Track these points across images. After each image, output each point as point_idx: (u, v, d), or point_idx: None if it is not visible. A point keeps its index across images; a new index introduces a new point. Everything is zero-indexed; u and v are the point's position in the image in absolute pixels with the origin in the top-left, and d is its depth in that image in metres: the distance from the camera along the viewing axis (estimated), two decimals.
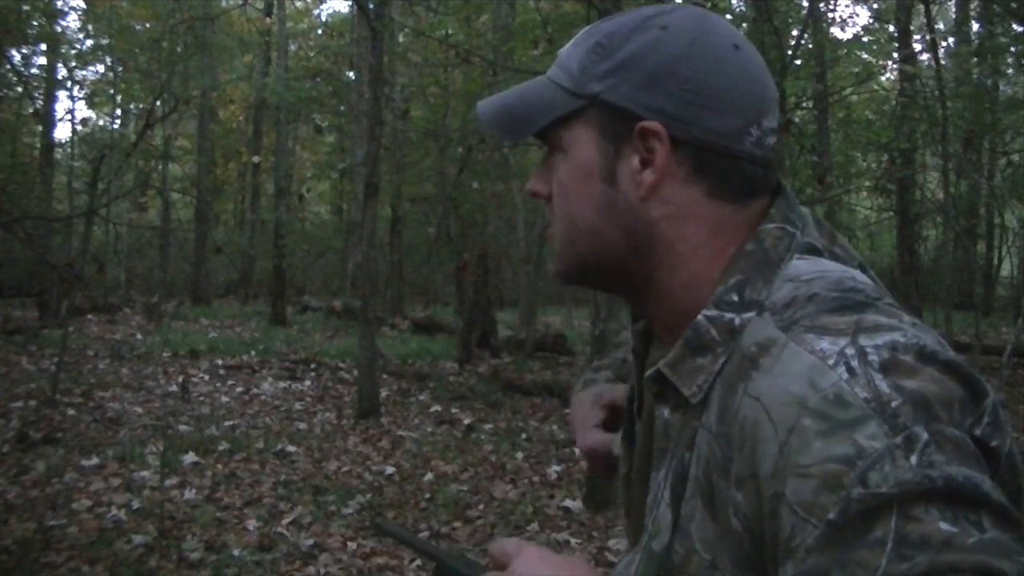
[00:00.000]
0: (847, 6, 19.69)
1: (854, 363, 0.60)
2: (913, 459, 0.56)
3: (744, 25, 8.87)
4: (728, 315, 0.71)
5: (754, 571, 0.64)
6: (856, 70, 11.55)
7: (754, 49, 0.76)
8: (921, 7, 10.76)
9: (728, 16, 9.24)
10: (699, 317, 0.72)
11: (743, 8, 9.78)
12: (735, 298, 0.71)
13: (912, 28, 11.67)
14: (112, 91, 19.70)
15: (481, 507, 4.82)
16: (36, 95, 16.67)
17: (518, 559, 0.71)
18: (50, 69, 17.72)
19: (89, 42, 18.52)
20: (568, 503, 4.89)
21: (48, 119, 17.48)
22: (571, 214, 0.77)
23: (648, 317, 0.81)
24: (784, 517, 0.60)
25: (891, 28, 11.93)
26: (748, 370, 0.67)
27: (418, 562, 3.89)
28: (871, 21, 13.98)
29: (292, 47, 20.13)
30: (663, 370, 0.74)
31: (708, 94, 0.72)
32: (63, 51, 17.65)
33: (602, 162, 0.75)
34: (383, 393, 7.82)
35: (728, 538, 0.66)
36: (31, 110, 16.87)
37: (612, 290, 0.82)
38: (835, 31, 17.49)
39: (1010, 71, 12.34)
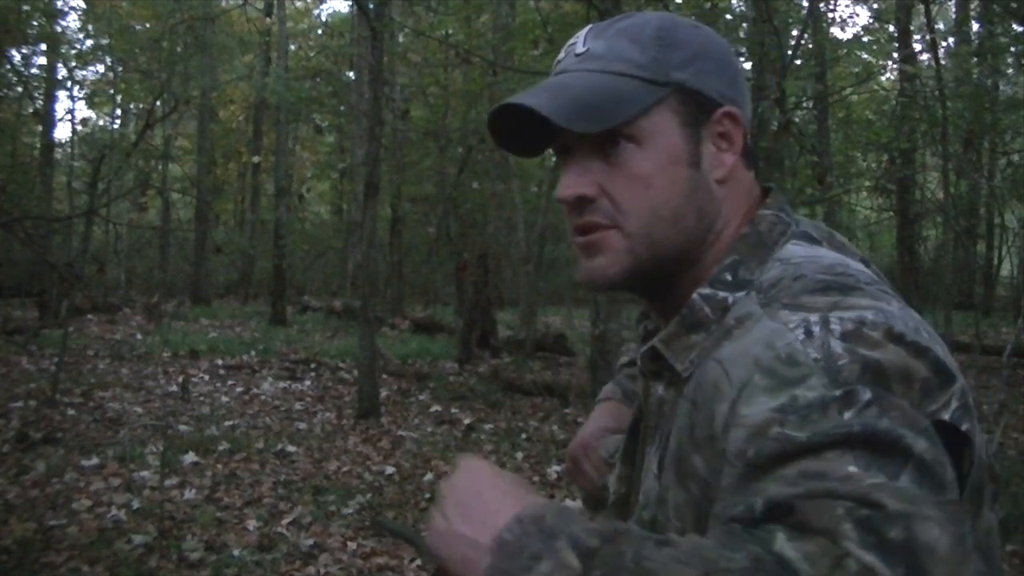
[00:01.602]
0: (847, 6, 19.68)
1: (815, 329, 0.62)
2: (847, 414, 0.58)
3: (744, 25, 8.88)
4: (721, 294, 0.74)
5: None
6: (856, 70, 11.54)
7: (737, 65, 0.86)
8: (921, 7, 10.75)
9: (728, 16, 9.24)
10: (694, 296, 0.75)
11: (743, 8, 9.78)
12: (729, 277, 0.74)
13: (912, 28, 11.68)
14: (112, 91, 19.69)
15: None
16: (36, 95, 16.65)
17: (459, 471, 0.72)
18: (50, 69, 17.71)
19: (89, 42, 18.52)
20: (568, 503, 4.89)
21: (48, 119, 17.48)
22: (655, 204, 0.76)
23: (673, 305, 0.80)
24: (725, 471, 0.62)
25: (891, 28, 11.94)
26: (721, 340, 0.69)
27: (418, 562, 3.89)
28: (871, 21, 13.98)
29: (292, 47, 20.13)
30: (657, 346, 0.76)
31: (744, 83, 0.81)
32: (63, 51, 17.63)
33: (687, 147, 0.77)
34: (383, 393, 7.82)
35: (691, 504, 0.69)
36: (31, 110, 16.86)
37: (653, 288, 0.82)
38: (835, 31, 17.49)
39: (1010, 71, 12.34)
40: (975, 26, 13.14)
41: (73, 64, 18.43)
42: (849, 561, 0.54)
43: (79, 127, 20.75)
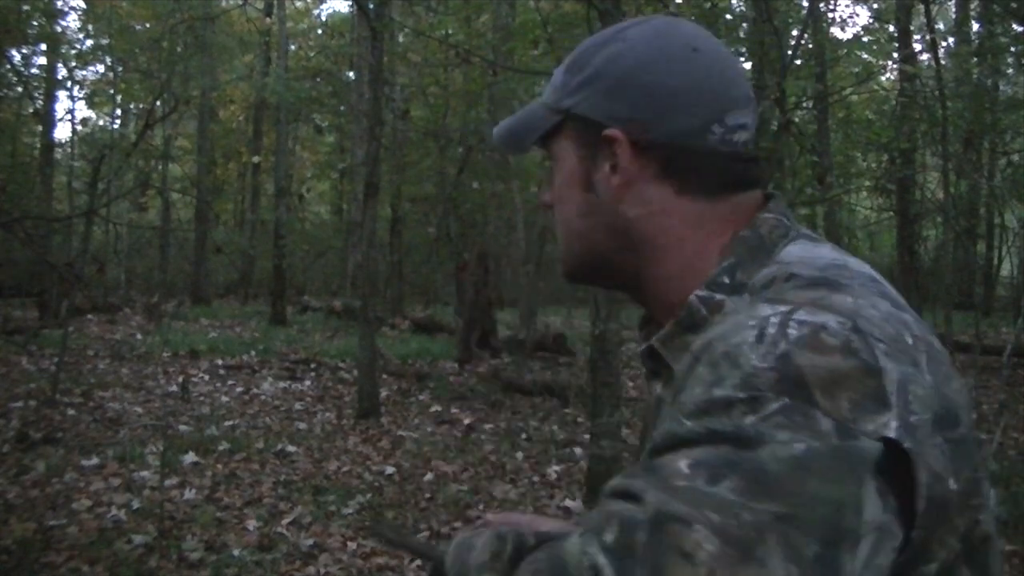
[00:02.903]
0: (847, 6, 19.67)
1: (769, 330, 0.61)
2: (749, 419, 0.57)
3: (744, 25, 8.88)
4: (718, 296, 0.74)
5: None
6: (856, 70, 11.54)
7: (718, 50, 0.79)
8: (921, 7, 10.75)
9: (728, 16, 9.23)
10: (691, 296, 0.75)
11: (743, 8, 9.78)
12: (726, 280, 0.74)
13: (912, 28, 11.68)
14: (112, 91, 19.69)
15: (481, 507, 4.82)
16: (36, 95, 16.66)
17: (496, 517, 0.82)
18: (50, 69, 17.71)
19: (89, 42, 18.53)
20: (568, 503, 4.89)
21: (48, 119, 17.48)
22: (564, 219, 0.84)
23: (648, 310, 0.85)
24: None
25: (891, 28, 11.94)
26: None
27: (418, 562, 3.89)
28: (871, 21, 13.98)
29: (292, 47, 20.12)
30: (655, 345, 0.78)
31: (664, 97, 0.76)
32: (63, 51, 17.64)
33: (581, 170, 0.80)
34: (383, 393, 7.82)
35: None
36: (31, 110, 16.87)
37: (613, 287, 0.86)
38: (835, 31, 17.49)
39: (1010, 71, 12.34)
40: (975, 26, 13.15)
41: (73, 64, 18.44)
42: (584, 559, 0.57)
43: (79, 127, 20.80)
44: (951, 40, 13.82)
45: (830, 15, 11.15)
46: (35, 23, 14.06)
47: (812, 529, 0.55)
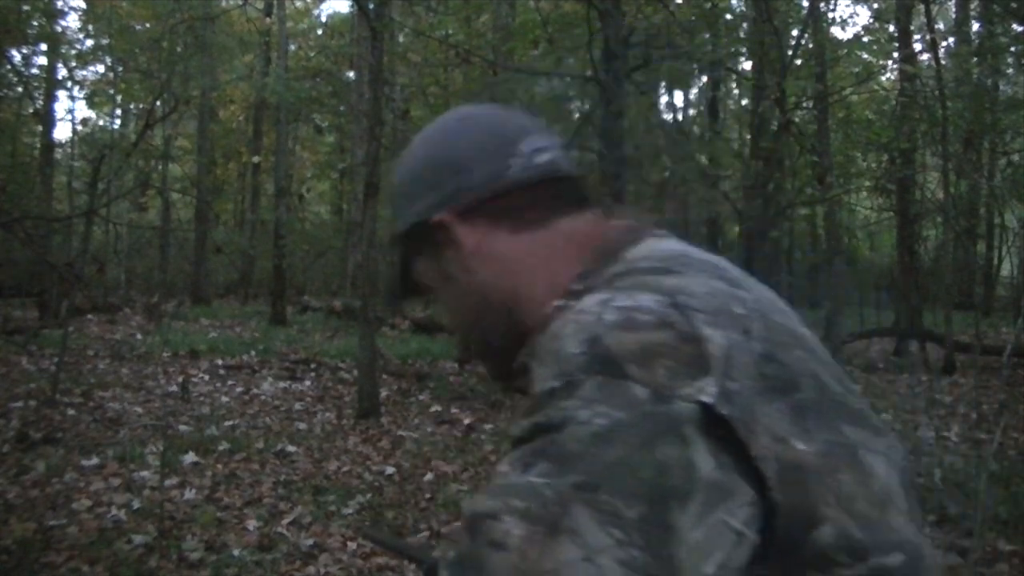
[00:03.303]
0: (847, 6, 19.69)
1: (587, 318, 0.65)
2: (564, 403, 0.61)
3: (744, 25, 8.88)
4: (572, 302, 0.75)
5: None
6: (856, 70, 11.55)
7: (491, 110, 0.87)
8: (921, 7, 10.76)
9: (728, 16, 9.24)
10: (550, 309, 0.77)
11: (743, 8, 9.79)
12: (579, 287, 0.76)
13: (912, 28, 11.68)
14: (112, 91, 19.70)
15: None
16: (36, 95, 16.67)
17: None
18: (50, 69, 17.72)
19: (89, 42, 18.55)
20: None
21: (48, 119, 17.48)
22: (454, 322, 0.88)
23: None
24: None
25: (891, 28, 11.94)
26: None
27: None
28: (871, 21, 13.98)
29: (292, 47, 20.12)
30: (525, 360, 0.79)
31: (455, 164, 0.82)
32: (63, 51, 17.65)
33: (439, 270, 0.85)
34: (383, 393, 7.82)
35: None
36: (31, 110, 16.87)
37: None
38: (835, 31, 17.49)
39: (1010, 71, 12.34)
40: (975, 26, 13.15)
41: (73, 64, 18.46)
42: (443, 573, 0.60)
43: (79, 127, 20.82)
44: (951, 40, 13.83)
45: (830, 15, 11.15)
46: (35, 23, 14.07)
47: (629, 492, 0.57)
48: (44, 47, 16.58)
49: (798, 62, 7.63)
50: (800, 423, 0.63)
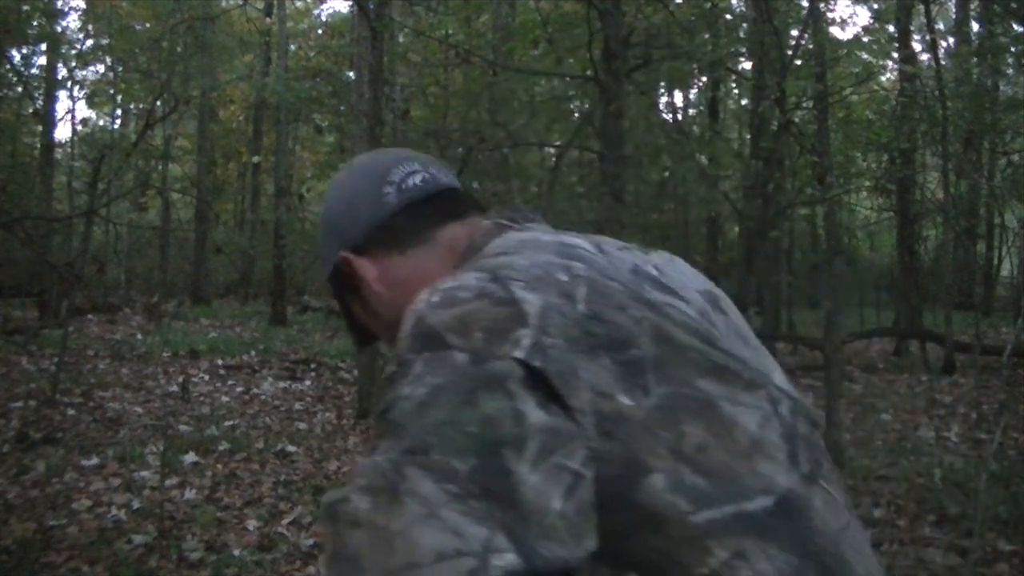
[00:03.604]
0: (847, 6, 19.69)
1: (417, 306, 0.71)
2: (404, 389, 0.65)
3: (744, 25, 8.88)
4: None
5: None
6: (856, 70, 11.54)
7: (364, 157, 1.00)
8: (921, 7, 10.76)
9: (728, 16, 9.23)
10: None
11: (743, 8, 9.79)
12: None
13: (912, 28, 11.68)
14: (112, 91, 19.68)
15: None
16: (36, 95, 16.65)
17: None
18: (50, 69, 17.69)
19: (89, 42, 18.51)
20: None
21: (48, 119, 17.45)
22: (386, 344, 0.93)
23: None
24: None
25: (891, 28, 11.94)
26: None
27: None
28: (871, 21, 13.99)
29: (292, 47, 20.10)
30: (387, 354, 0.90)
31: (343, 210, 0.94)
32: (63, 51, 17.63)
33: (363, 309, 0.95)
34: None
35: None
36: (31, 110, 16.84)
37: None
38: (835, 31, 17.47)
39: (1010, 71, 12.34)
40: (975, 26, 13.15)
41: (73, 64, 18.43)
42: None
43: (79, 127, 20.76)
44: (951, 40, 13.84)
45: (830, 15, 11.15)
46: (35, 23, 14.05)
47: (459, 448, 0.61)
48: (44, 47, 16.57)
49: (798, 62, 7.62)
50: (630, 379, 0.66)
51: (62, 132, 30.37)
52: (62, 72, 18.31)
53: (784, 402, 0.74)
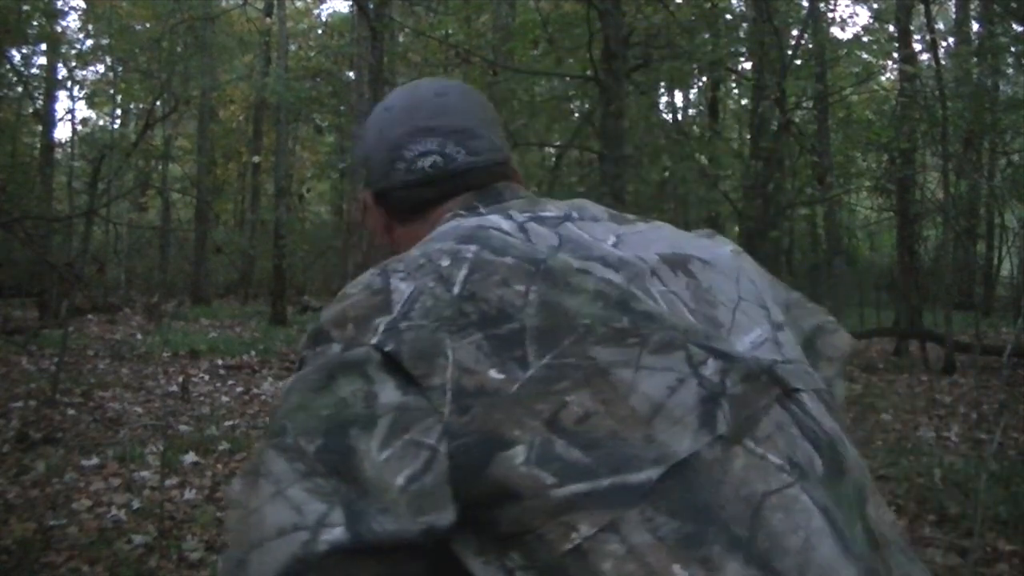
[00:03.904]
0: (847, 6, 19.70)
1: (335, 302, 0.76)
2: (289, 381, 0.71)
3: (744, 25, 8.88)
4: None
5: None
6: (856, 70, 11.55)
7: (412, 96, 0.98)
8: (921, 7, 10.76)
9: (728, 16, 9.23)
10: None
11: (743, 8, 9.79)
12: None
13: (912, 28, 11.67)
14: (112, 91, 19.69)
15: None
16: (36, 95, 16.65)
17: None
18: (50, 69, 17.70)
19: (89, 42, 18.53)
20: None
21: (48, 119, 17.46)
22: None
23: None
24: None
25: (891, 28, 11.94)
26: None
27: None
28: (871, 21, 13.99)
29: (292, 47, 20.11)
30: None
31: (369, 157, 0.99)
32: (63, 51, 17.63)
33: (371, 222, 1.03)
34: None
35: None
36: (31, 110, 16.85)
37: None
38: (835, 31, 17.48)
39: (1010, 71, 12.35)
40: (975, 26, 13.16)
41: (73, 64, 18.44)
42: None
43: (79, 127, 20.76)
44: (951, 40, 13.83)
45: (830, 15, 11.15)
46: (35, 23, 14.04)
47: (309, 429, 0.65)
48: (44, 47, 16.57)
49: (798, 62, 7.64)
50: (504, 352, 0.67)
51: (62, 132, 30.41)
52: (62, 72, 18.34)
53: (712, 362, 0.70)
